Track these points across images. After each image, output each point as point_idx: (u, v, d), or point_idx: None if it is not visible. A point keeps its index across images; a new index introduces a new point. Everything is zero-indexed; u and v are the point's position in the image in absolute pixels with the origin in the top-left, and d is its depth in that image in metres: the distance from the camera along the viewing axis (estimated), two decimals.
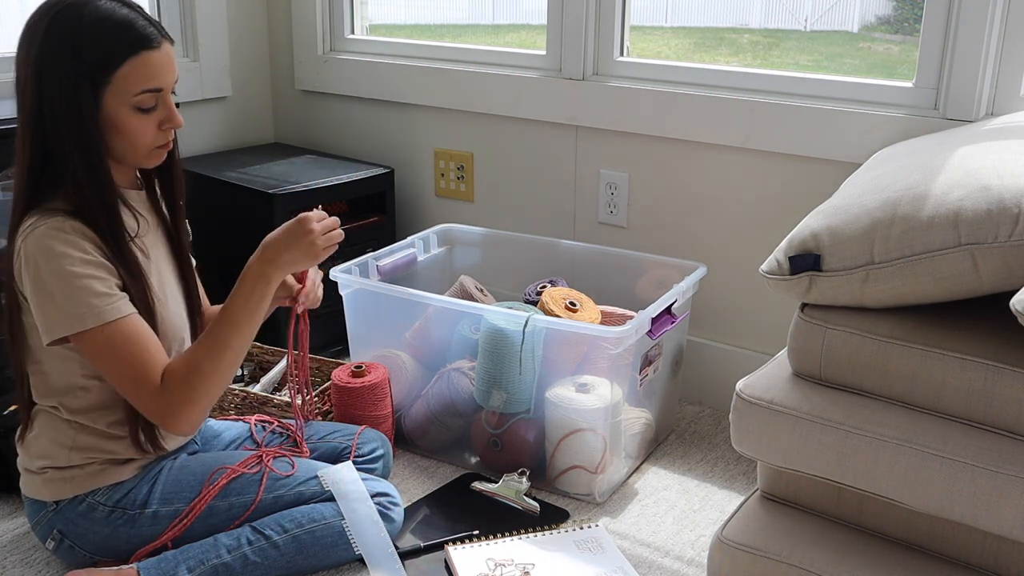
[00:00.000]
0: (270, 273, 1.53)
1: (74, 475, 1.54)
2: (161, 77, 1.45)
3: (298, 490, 1.63)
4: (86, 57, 1.39)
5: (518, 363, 1.83)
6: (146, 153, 1.49)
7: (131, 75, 1.42)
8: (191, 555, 1.53)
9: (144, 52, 1.42)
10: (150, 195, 1.61)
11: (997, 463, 1.21)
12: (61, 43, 1.39)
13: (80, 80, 1.39)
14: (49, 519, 1.56)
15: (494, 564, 1.63)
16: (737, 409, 1.41)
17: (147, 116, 1.46)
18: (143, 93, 1.44)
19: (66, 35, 1.39)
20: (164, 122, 1.48)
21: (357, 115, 2.65)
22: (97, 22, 1.40)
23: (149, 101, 1.45)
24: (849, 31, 2.32)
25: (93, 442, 1.54)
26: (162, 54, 1.45)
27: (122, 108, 1.43)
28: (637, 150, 2.20)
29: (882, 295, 1.32)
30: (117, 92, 1.42)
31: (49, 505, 1.56)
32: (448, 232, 2.33)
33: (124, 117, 1.44)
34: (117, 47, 1.41)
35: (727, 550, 1.43)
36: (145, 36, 1.43)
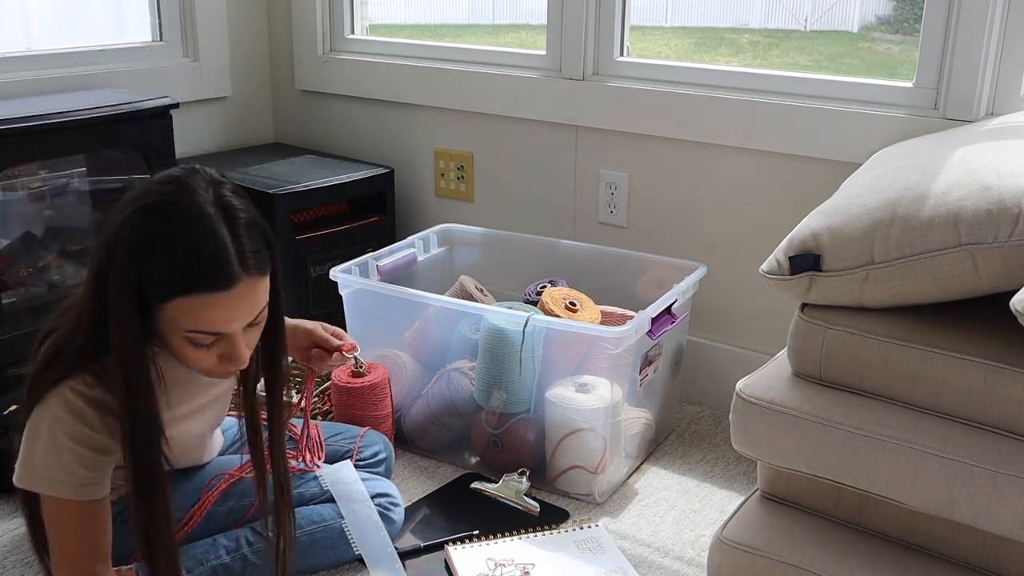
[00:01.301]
0: None
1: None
2: (221, 323, 1.24)
3: (297, 492, 1.62)
4: (142, 272, 1.21)
5: (518, 363, 1.83)
6: (206, 374, 1.33)
7: (183, 313, 1.23)
8: (190, 556, 1.52)
9: (202, 294, 1.21)
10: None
11: (997, 463, 1.21)
12: (127, 245, 1.21)
13: (130, 294, 1.22)
14: None
15: (494, 564, 1.63)
16: (737, 409, 1.41)
17: (204, 348, 1.28)
18: (195, 333, 1.25)
19: (133, 238, 1.21)
20: (225, 357, 1.29)
21: (357, 115, 2.65)
22: (167, 236, 1.21)
23: (204, 340, 1.26)
24: (849, 31, 2.32)
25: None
26: (231, 296, 1.22)
27: (173, 335, 1.26)
28: (637, 150, 2.20)
29: (882, 295, 1.32)
30: (167, 320, 1.24)
31: None
32: (448, 232, 2.33)
33: (176, 343, 1.27)
34: (171, 278, 1.21)
35: (727, 550, 1.43)
36: (213, 275, 1.21)
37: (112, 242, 1.23)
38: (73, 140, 2.04)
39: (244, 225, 1.24)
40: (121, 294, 1.22)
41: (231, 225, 1.23)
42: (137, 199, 1.24)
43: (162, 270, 1.21)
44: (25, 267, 2.12)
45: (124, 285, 1.22)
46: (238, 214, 1.24)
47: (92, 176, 2.29)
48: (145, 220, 1.22)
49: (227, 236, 1.22)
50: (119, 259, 1.22)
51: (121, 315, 1.23)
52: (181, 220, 1.21)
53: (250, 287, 1.24)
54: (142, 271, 1.21)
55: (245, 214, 1.26)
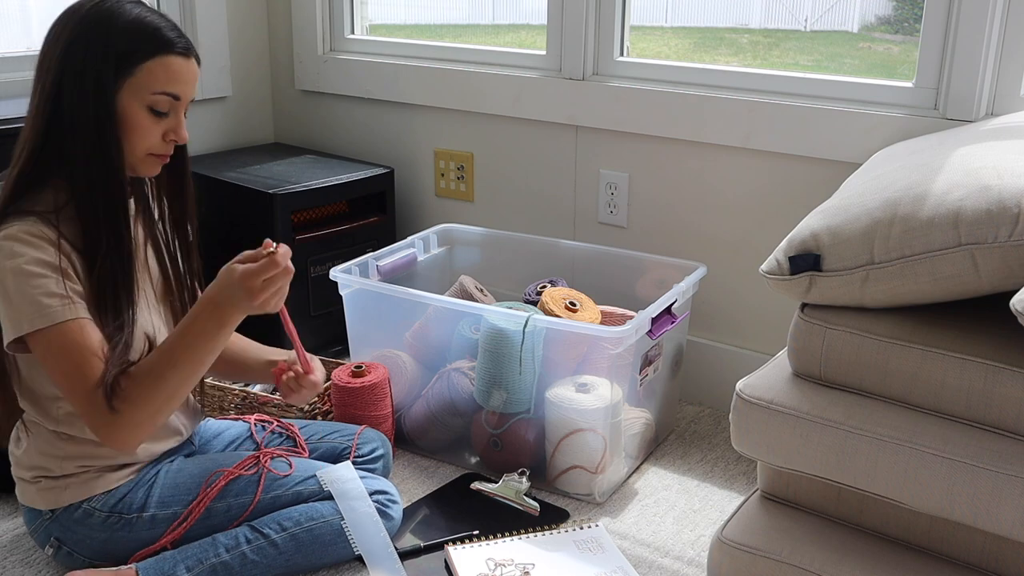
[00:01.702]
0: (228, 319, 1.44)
1: (68, 483, 1.53)
2: (182, 85, 1.46)
3: (296, 490, 1.63)
4: (116, 46, 1.40)
5: (518, 363, 1.83)
6: (142, 157, 1.47)
7: (155, 71, 1.43)
8: (190, 554, 1.53)
9: (171, 55, 1.44)
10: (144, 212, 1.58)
11: (997, 463, 1.21)
12: (94, 34, 1.40)
13: (108, 61, 1.40)
14: (46, 527, 1.56)
15: (494, 564, 1.63)
16: (737, 409, 1.41)
17: (156, 121, 1.46)
18: (161, 94, 1.44)
19: (100, 26, 1.40)
20: (169, 132, 1.48)
21: (357, 115, 2.65)
22: (133, 19, 1.42)
23: (164, 104, 1.45)
24: (849, 31, 2.32)
25: (82, 450, 1.53)
26: (188, 64, 1.46)
27: (135, 103, 1.43)
28: (637, 150, 2.20)
29: (882, 295, 1.32)
30: (136, 86, 1.42)
31: (45, 513, 1.55)
32: (448, 232, 2.33)
33: (135, 113, 1.43)
34: (147, 42, 1.42)
35: (727, 550, 1.43)
36: (175, 41, 1.45)
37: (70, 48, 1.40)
38: None
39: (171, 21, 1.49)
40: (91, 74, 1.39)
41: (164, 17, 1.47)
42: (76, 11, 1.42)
43: (134, 40, 1.41)
44: None
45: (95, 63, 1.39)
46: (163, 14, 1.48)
47: None
48: (101, 15, 1.41)
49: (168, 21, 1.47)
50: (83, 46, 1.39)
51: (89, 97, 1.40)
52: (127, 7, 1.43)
53: (195, 66, 1.48)
54: (115, 44, 1.40)
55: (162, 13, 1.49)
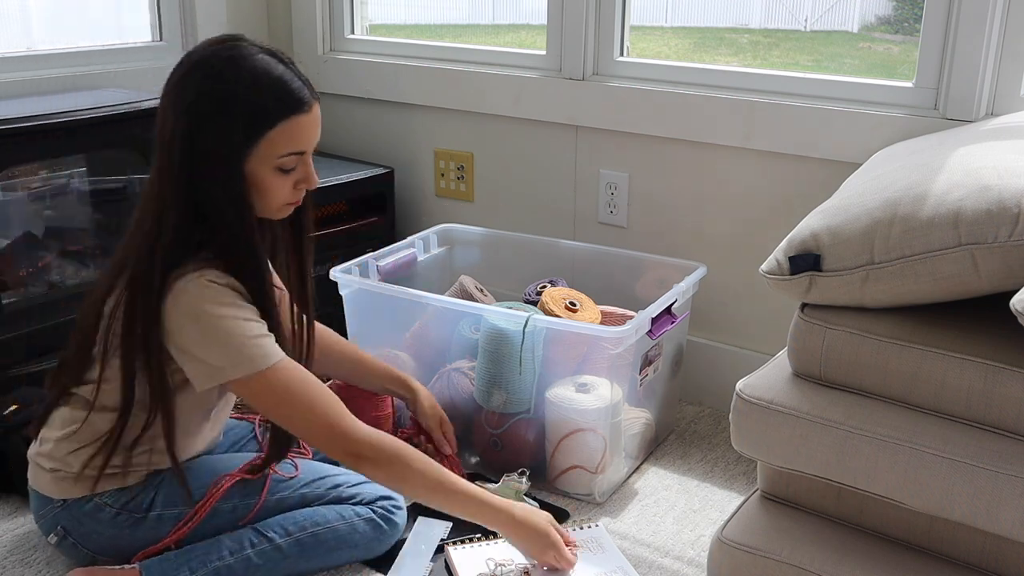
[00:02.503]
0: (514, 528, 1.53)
1: (83, 478, 1.53)
2: (308, 141, 1.45)
3: (301, 492, 1.63)
4: (244, 111, 1.37)
5: (518, 363, 1.83)
6: (277, 209, 1.49)
7: (281, 138, 1.41)
8: (194, 556, 1.53)
9: (296, 116, 1.41)
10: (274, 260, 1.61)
11: (997, 463, 1.21)
12: (219, 96, 1.37)
13: (234, 136, 1.38)
14: (55, 514, 1.56)
15: (494, 564, 1.63)
16: (737, 409, 1.41)
17: (286, 176, 1.46)
18: (288, 156, 1.43)
19: (226, 87, 1.37)
20: (300, 182, 1.48)
21: (357, 115, 2.65)
22: (257, 78, 1.38)
23: (292, 163, 1.45)
24: (849, 31, 2.33)
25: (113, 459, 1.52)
26: (311, 117, 1.44)
27: (264, 167, 1.42)
28: (637, 150, 2.20)
29: (882, 295, 1.32)
30: (264, 152, 1.41)
31: (56, 501, 1.55)
32: (448, 232, 2.33)
33: (264, 175, 1.43)
34: (273, 106, 1.39)
35: (727, 550, 1.43)
36: (300, 99, 1.41)
37: (197, 109, 1.37)
38: (73, 140, 2.04)
39: (291, 61, 1.44)
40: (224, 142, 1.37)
41: (284, 62, 1.43)
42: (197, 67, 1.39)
43: (260, 104, 1.38)
44: (25, 267, 2.12)
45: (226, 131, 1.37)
46: (280, 54, 1.44)
47: (92, 176, 2.28)
48: (226, 74, 1.37)
49: (290, 70, 1.43)
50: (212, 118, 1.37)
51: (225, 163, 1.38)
52: (249, 62, 1.39)
53: (318, 112, 1.46)
54: (243, 111, 1.37)
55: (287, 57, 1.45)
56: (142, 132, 2.09)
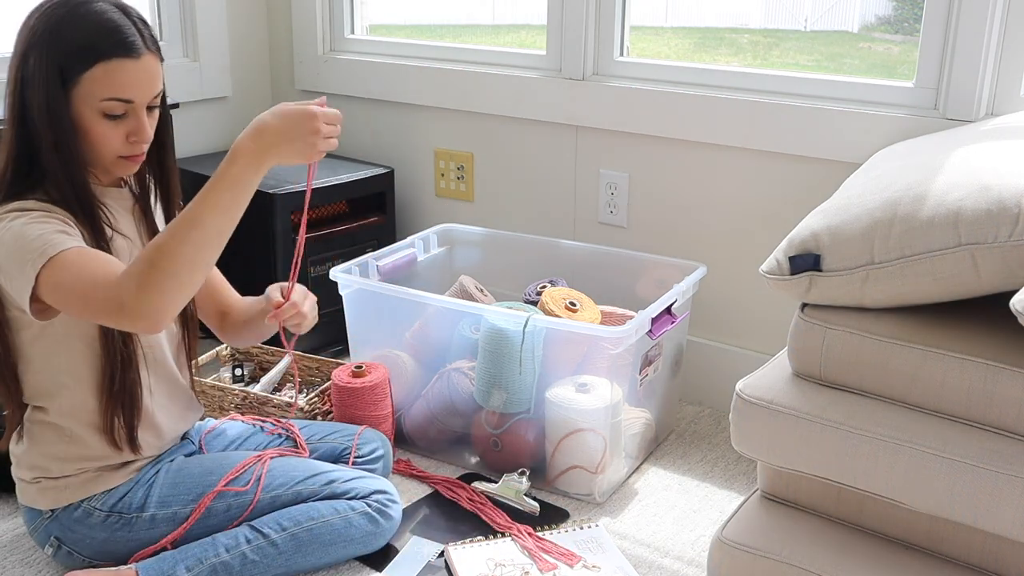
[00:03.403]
0: (263, 160, 1.37)
1: (68, 483, 1.53)
2: (131, 89, 1.42)
3: (296, 490, 1.63)
4: (60, 50, 1.38)
5: (518, 363, 1.83)
6: (111, 160, 1.47)
7: (101, 78, 1.40)
8: (190, 554, 1.53)
9: (117, 59, 1.40)
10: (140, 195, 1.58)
11: (997, 463, 1.21)
12: (43, 37, 1.39)
13: (52, 74, 1.38)
14: (46, 526, 1.56)
15: (494, 564, 1.63)
16: (737, 409, 1.41)
17: (114, 124, 1.43)
18: (109, 100, 1.41)
19: (49, 28, 1.39)
20: (132, 134, 1.45)
21: (357, 115, 2.65)
22: (80, 19, 1.39)
23: (116, 109, 1.42)
24: (849, 31, 2.33)
25: (82, 451, 1.53)
26: (139, 65, 1.42)
27: (87, 110, 1.41)
28: (637, 150, 2.20)
29: (882, 295, 1.32)
30: (83, 95, 1.40)
31: (45, 513, 1.55)
32: (448, 232, 2.33)
33: (89, 120, 1.42)
34: (90, 47, 1.39)
35: (727, 550, 1.43)
36: (122, 42, 1.40)
37: (26, 46, 1.40)
38: None
39: (137, 16, 1.45)
40: (43, 81, 1.38)
41: (127, 13, 1.44)
42: (34, 12, 1.42)
43: (81, 42, 1.39)
44: None
45: (45, 70, 1.38)
46: (129, 8, 1.46)
47: None
48: (55, 12, 1.39)
49: (127, 19, 1.43)
50: (35, 52, 1.39)
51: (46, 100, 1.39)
52: (88, 8, 1.40)
53: (152, 61, 1.44)
54: (60, 49, 1.38)
55: (135, 9, 1.46)
56: None
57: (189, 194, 1.59)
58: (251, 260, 2.32)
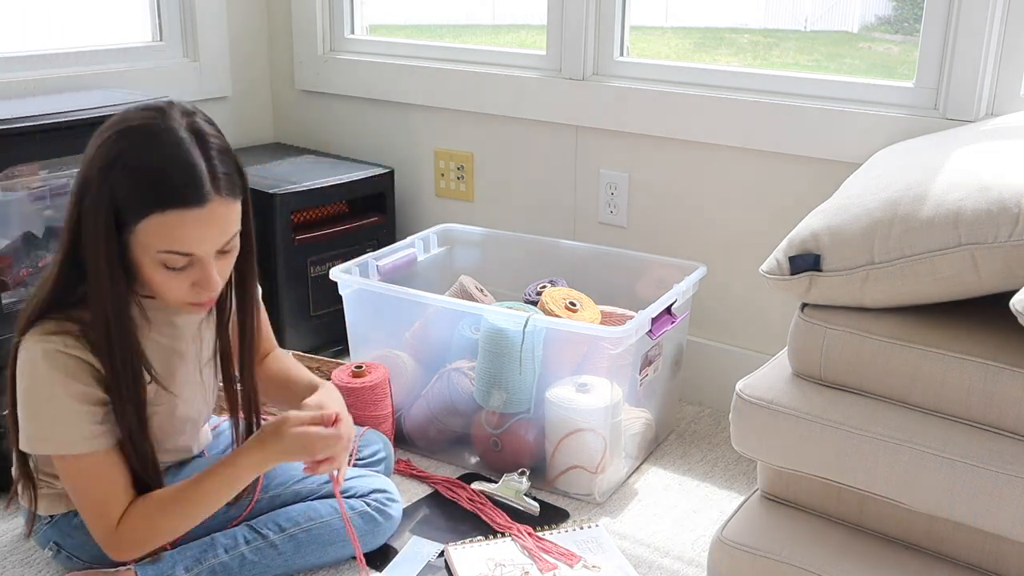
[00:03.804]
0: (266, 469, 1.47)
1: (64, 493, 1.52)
2: (193, 242, 1.28)
3: (295, 489, 1.63)
4: (116, 192, 1.26)
5: (518, 363, 1.83)
6: (177, 305, 1.38)
7: (153, 231, 1.27)
8: (188, 555, 1.53)
9: (174, 210, 1.25)
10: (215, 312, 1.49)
11: (997, 463, 1.21)
12: (103, 170, 1.26)
13: (108, 218, 1.27)
14: (44, 531, 1.56)
15: (494, 564, 1.63)
16: (737, 409, 1.41)
17: (176, 274, 1.31)
18: (168, 254, 1.28)
19: (110, 160, 1.26)
20: (197, 284, 1.33)
21: (357, 115, 2.65)
22: (141, 154, 1.26)
23: (176, 262, 1.30)
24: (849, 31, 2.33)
25: None
26: (203, 214, 1.26)
27: (145, 258, 1.30)
28: (637, 150, 2.20)
29: (882, 295, 1.32)
30: (140, 243, 1.28)
31: (44, 518, 1.55)
32: (448, 232, 2.33)
33: (148, 268, 1.31)
34: (145, 194, 1.25)
35: (727, 550, 1.43)
36: (185, 192, 1.25)
37: (88, 169, 1.29)
38: (73, 140, 2.03)
39: (216, 149, 1.30)
40: (96, 216, 1.27)
41: (203, 148, 1.29)
42: (112, 125, 1.30)
43: (136, 187, 1.26)
44: (25, 267, 2.12)
45: (99, 206, 1.26)
46: (210, 139, 1.31)
47: None
48: (120, 142, 1.27)
49: (199, 157, 1.28)
50: (94, 182, 1.27)
51: (97, 239, 1.28)
52: (155, 142, 1.27)
53: (221, 207, 1.29)
54: (116, 190, 1.26)
55: (217, 140, 1.32)
56: None
57: None
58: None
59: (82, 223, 1.30)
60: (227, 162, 1.31)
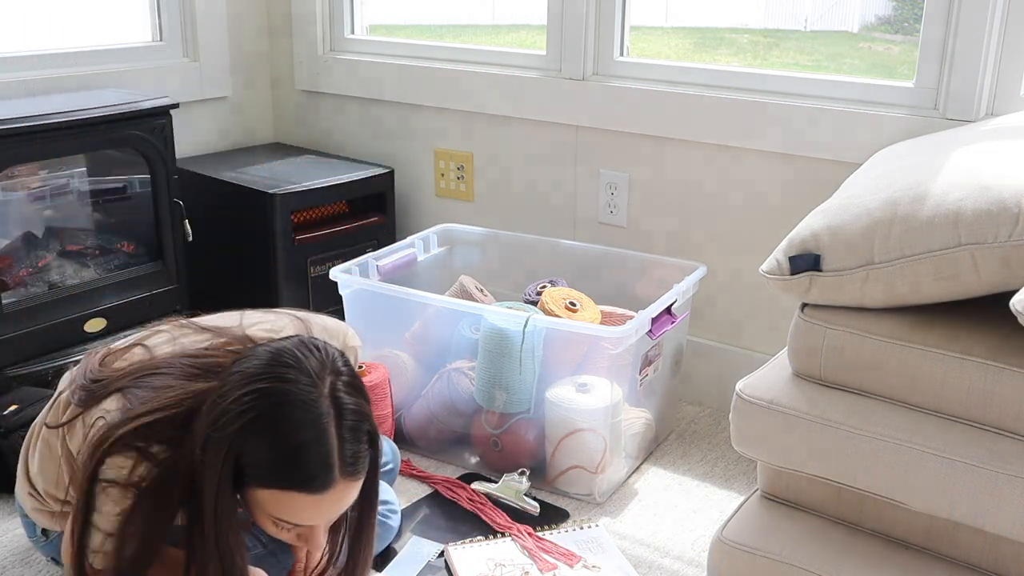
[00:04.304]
0: None
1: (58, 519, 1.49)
2: (307, 519, 1.26)
3: None
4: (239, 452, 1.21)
5: (518, 363, 1.83)
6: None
7: (268, 501, 1.23)
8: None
9: (295, 492, 1.22)
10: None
11: (997, 463, 1.21)
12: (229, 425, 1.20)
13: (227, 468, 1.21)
14: (42, 546, 1.57)
15: (494, 564, 1.63)
16: (737, 409, 1.41)
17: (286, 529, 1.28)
18: (281, 521, 1.26)
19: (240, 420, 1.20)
20: (303, 539, 1.31)
21: (357, 115, 2.65)
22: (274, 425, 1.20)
23: (287, 527, 1.27)
24: (849, 31, 2.33)
25: None
26: (323, 499, 1.23)
27: (257, 511, 1.27)
28: (637, 150, 2.20)
29: (882, 295, 1.32)
30: (255, 500, 1.25)
31: (39, 535, 1.55)
32: (448, 232, 2.33)
33: (262, 519, 1.28)
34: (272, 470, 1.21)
35: (727, 550, 1.43)
36: (313, 481, 1.21)
37: (220, 413, 1.21)
38: (73, 140, 2.04)
39: (351, 427, 1.24)
40: (216, 466, 1.21)
41: (339, 426, 1.22)
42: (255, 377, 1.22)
43: (263, 459, 1.21)
44: (25, 267, 2.12)
45: (222, 459, 1.20)
46: (348, 414, 1.24)
47: (92, 176, 2.29)
48: (258, 403, 1.20)
49: (334, 439, 1.22)
50: (223, 431, 1.20)
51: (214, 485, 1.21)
52: (293, 413, 1.20)
53: (343, 489, 1.24)
54: (243, 452, 1.21)
55: (355, 414, 1.25)
56: (142, 132, 2.11)
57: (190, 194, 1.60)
58: (251, 260, 2.32)
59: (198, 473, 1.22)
60: (360, 439, 1.25)
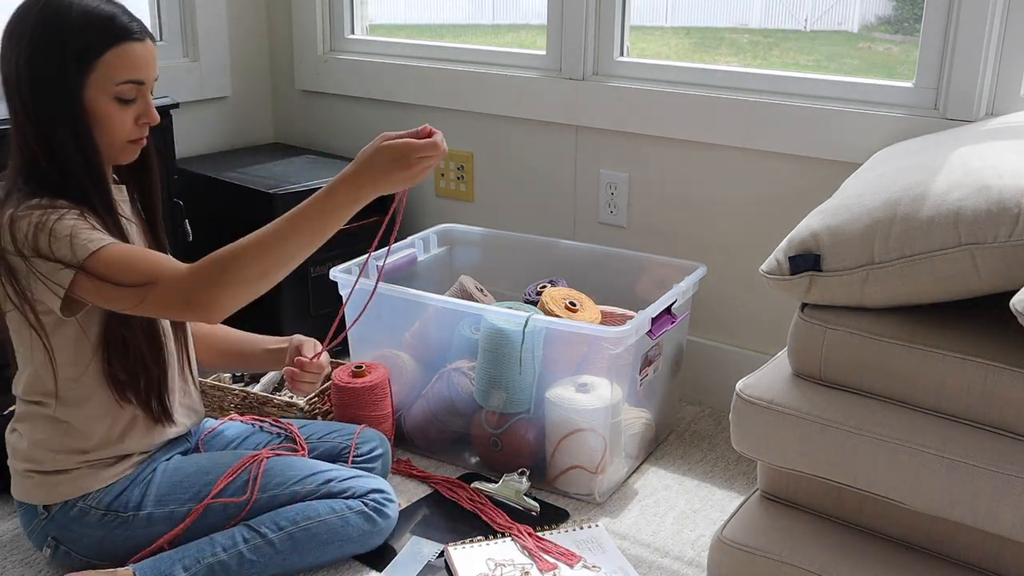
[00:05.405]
0: (362, 195, 1.43)
1: (60, 479, 1.53)
2: (143, 70, 1.48)
3: (293, 489, 1.63)
4: (73, 46, 1.42)
5: (518, 363, 1.83)
6: (121, 146, 1.51)
7: (114, 64, 1.45)
8: (187, 554, 1.53)
9: (127, 43, 1.46)
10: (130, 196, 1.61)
11: (997, 463, 1.21)
12: (50, 36, 1.42)
13: (68, 69, 1.42)
14: (43, 527, 1.56)
15: (494, 564, 1.63)
16: (737, 409, 1.41)
17: (126, 108, 1.48)
18: (124, 83, 1.46)
19: (55, 28, 1.42)
20: (141, 116, 1.50)
21: (357, 115, 2.65)
22: (83, 15, 1.44)
23: (130, 92, 1.47)
24: (849, 31, 2.32)
25: (77, 443, 1.53)
26: (145, 48, 1.48)
27: (102, 97, 1.45)
28: (637, 150, 2.20)
29: (882, 295, 1.32)
30: (99, 81, 1.44)
31: (41, 512, 1.56)
32: (448, 232, 2.33)
33: (104, 106, 1.46)
34: (102, 37, 1.44)
35: (727, 550, 1.43)
36: (128, 28, 1.46)
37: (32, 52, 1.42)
38: None
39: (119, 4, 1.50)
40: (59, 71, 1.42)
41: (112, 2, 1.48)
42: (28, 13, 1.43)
43: (88, 36, 1.43)
44: None
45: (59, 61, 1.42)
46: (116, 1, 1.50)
47: None
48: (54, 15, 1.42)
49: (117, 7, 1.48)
50: (46, 59, 1.42)
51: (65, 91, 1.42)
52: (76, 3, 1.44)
53: (152, 47, 1.50)
54: (71, 41, 1.42)
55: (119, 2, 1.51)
56: None
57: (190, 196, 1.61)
58: None
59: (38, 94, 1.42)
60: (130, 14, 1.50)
